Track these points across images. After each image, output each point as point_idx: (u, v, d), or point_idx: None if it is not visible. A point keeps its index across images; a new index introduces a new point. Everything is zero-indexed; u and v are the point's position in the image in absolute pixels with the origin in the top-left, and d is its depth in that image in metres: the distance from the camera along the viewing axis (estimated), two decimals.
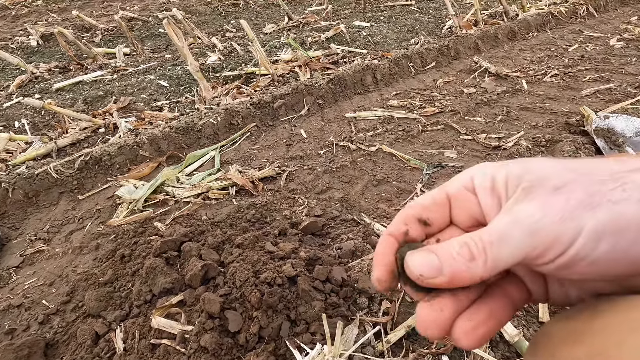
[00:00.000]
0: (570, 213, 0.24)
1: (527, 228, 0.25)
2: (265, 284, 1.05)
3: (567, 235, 0.24)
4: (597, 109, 2.15)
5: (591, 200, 0.24)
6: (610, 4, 4.01)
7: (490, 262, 0.26)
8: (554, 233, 0.25)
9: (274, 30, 3.73)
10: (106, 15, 4.69)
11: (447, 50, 2.97)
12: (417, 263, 0.27)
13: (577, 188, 0.25)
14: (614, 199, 0.24)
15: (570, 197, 0.25)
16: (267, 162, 1.92)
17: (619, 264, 0.25)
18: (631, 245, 0.24)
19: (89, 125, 2.28)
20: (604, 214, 0.24)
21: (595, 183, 0.25)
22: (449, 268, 0.26)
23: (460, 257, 0.26)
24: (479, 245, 0.26)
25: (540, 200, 0.25)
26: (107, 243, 1.50)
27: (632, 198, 0.24)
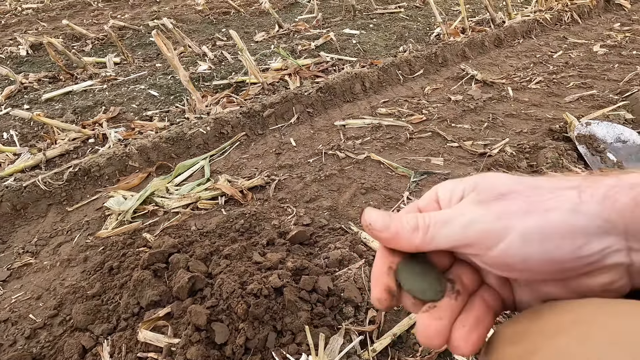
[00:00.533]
0: (506, 215, 0.28)
1: (466, 221, 0.30)
2: (251, 295, 1.06)
3: (498, 233, 0.28)
4: (580, 115, 2.20)
5: (528, 208, 0.28)
6: (594, 11, 4.11)
7: (428, 236, 0.31)
8: (486, 229, 0.29)
9: (264, 39, 3.76)
10: (97, 24, 4.69)
11: (435, 57, 3.02)
12: (372, 215, 0.32)
13: (519, 197, 0.29)
14: (548, 207, 0.28)
15: (511, 204, 0.29)
16: (256, 172, 1.94)
17: (548, 264, 0.28)
18: (556, 248, 0.27)
19: (78, 136, 2.28)
20: (534, 219, 0.28)
21: (537, 194, 0.29)
22: (394, 228, 0.31)
23: (407, 224, 0.31)
24: (426, 221, 0.31)
25: (484, 204, 0.30)
26: (96, 255, 1.50)
27: (562, 208, 0.27)
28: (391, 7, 4.55)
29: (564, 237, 0.27)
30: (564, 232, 0.27)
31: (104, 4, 5.52)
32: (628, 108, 2.21)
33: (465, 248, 0.30)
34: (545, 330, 0.26)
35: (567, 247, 0.27)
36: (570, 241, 0.27)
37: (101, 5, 5.49)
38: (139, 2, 5.52)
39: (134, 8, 5.35)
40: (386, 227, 0.32)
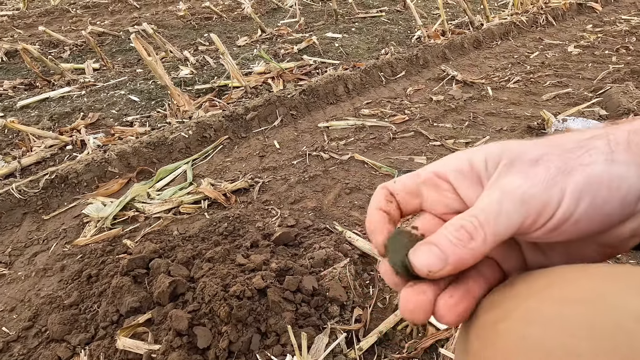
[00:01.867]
0: (552, 179, 0.27)
1: (518, 198, 0.27)
2: (234, 298, 1.04)
3: (554, 199, 0.26)
4: (556, 112, 2.26)
5: (566, 166, 0.27)
6: (568, 13, 4.25)
7: (489, 237, 0.27)
8: (542, 199, 0.26)
9: (247, 43, 3.76)
10: (75, 30, 4.60)
11: (416, 59, 3.07)
12: (423, 261, 0.28)
13: (553, 157, 0.27)
14: (585, 162, 0.27)
15: (549, 166, 0.27)
16: (240, 174, 1.92)
17: (595, 221, 0.27)
18: (605, 201, 0.26)
19: (56, 143, 2.22)
20: (579, 176, 0.26)
21: (566, 151, 0.28)
22: (452, 256, 0.27)
23: (459, 241, 0.27)
24: (475, 224, 0.27)
25: (523, 172, 0.27)
26: (73, 264, 1.45)
27: (599, 160, 0.27)
28: (373, 11, 4.61)
29: (610, 187, 0.26)
30: (608, 182, 0.26)
31: (82, 11, 5.42)
32: (602, 105, 2.28)
33: (528, 227, 0.27)
34: (519, 295, 0.26)
35: (616, 198, 0.26)
36: (617, 191, 0.26)
37: (80, 11, 5.39)
38: (119, 9, 5.45)
39: (113, 14, 5.27)
40: (444, 262, 0.27)
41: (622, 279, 0.23)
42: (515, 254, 0.31)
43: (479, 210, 0.27)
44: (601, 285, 0.23)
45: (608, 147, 0.27)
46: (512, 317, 0.24)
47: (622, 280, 0.23)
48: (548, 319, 0.22)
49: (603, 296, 0.22)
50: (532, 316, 0.23)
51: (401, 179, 0.32)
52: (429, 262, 0.27)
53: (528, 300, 0.25)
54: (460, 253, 0.27)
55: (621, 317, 0.20)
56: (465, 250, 0.27)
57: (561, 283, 0.25)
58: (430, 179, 0.31)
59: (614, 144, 0.27)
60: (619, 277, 0.24)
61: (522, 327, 0.23)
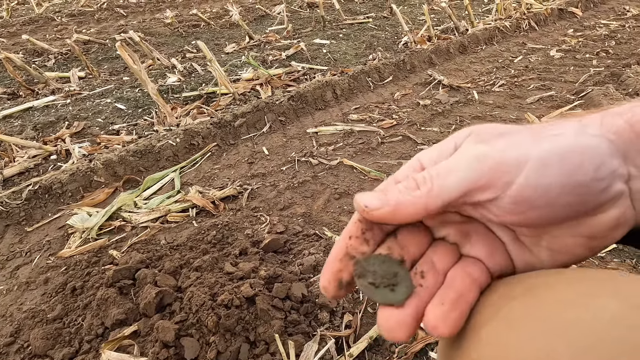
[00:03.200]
0: (514, 145, 0.26)
1: (473, 157, 0.26)
2: (222, 307, 1.02)
3: (514, 161, 0.25)
4: (540, 115, 2.30)
5: (535, 137, 0.26)
6: (549, 18, 4.35)
7: (435, 189, 0.25)
8: (500, 159, 0.25)
9: (235, 50, 3.76)
10: (61, 38, 4.55)
11: (403, 64, 3.10)
12: (364, 197, 0.27)
13: (522, 132, 0.27)
14: (554, 132, 0.26)
15: (516, 137, 0.26)
16: (228, 182, 1.90)
17: (570, 190, 0.25)
18: (578, 168, 0.25)
19: (39, 153, 2.18)
20: (547, 143, 0.25)
21: (535, 128, 0.27)
22: (393, 199, 0.26)
23: (405, 189, 0.26)
24: (426, 176, 0.26)
25: (486, 141, 0.27)
26: (57, 276, 1.42)
27: (567, 132, 0.26)
28: (360, 17, 4.66)
29: (582, 155, 0.25)
30: (580, 151, 0.25)
31: (68, 19, 5.37)
32: (584, 107, 2.34)
33: (480, 190, 0.26)
34: (500, 300, 0.26)
35: (587, 167, 0.25)
36: (589, 160, 0.25)
37: (65, 20, 5.34)
38: (106, 17, 5.41)
39: (100, 22, 5.23)
40: (384, 202, 0.26)
41: (599, 282, 0.24)
42: (500, 253, 0.30)
43: (433, 168, 0.27)
44: (579, 289, 0.23)
45: (579, 123, 0.27)
46: (494, 322, 0.24)
47: (599, 283, 0.24)
48: (527, 324, 0.23)
49: (580, 300, 0.22)
50: (512, 321, 0.23)
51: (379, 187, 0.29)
52: (369, 198, 0.27)
53: (508, 305, 0.25)
54: (401, 198, 0.26)
55: (598, 320, 0.21)
56: (408, 197, 0.26)
57: (540, 288, 0.25)
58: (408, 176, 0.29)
59: (585, 122, 0.27)
60: (596, 281, 0.24)
61: (504, 332, 0.23)
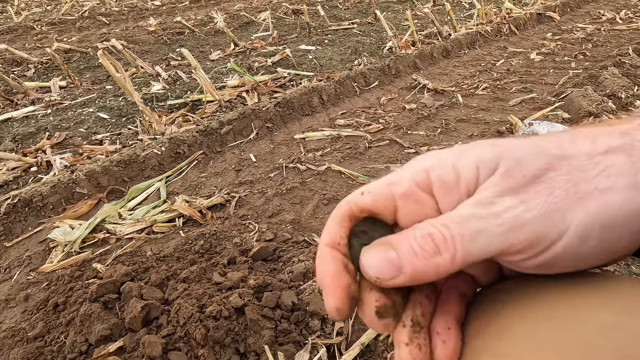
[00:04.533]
0: (555, 204, 0.21)
1: (508, 221, 0.22)
2: (210, 318, 1.00)
3: (553, 231, 0.21)
4: (523, 116, 2.35)
5: (577, 190, 0.22)
6: (529, 23, 4.47)
7: (459, 257, 0.22)
8: (539, 228, 0.21)
9: (220, 57, 3.74)
10: (41, 47, 4.45)
11: (388, 69, 3.13)
12: (374, 263, 0.23)
13: (560, 176, 0.22)
14: (600, 187, 0.21)
15: (554, 187, 0.22)
16: (216, 190, 1.88)
17: (602, 258, 0.23)
18: (619, 239, 0.22)
19: (19, 165, 2.11)
20: (592, 205, 0.21)
21: (576, 169, 0.22)
22: (409, 266, 0.22)
23: (422, 252, 0.22)
24: (447, 236, 0.22)
25: (520, 190, 0.22)
26: (39, 292, 1.37)
27: (617, 185, 0.21)
28: (344, 23, 4.70)
29: (626, 223, 0.21)
30: (626, 217, 0.21)
31: (48, 28, 5.27)
32: (564, 108, 2.40)
33: (511, 256, 0.23)
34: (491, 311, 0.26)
35: (628, 234, 0.22)
36: (632, 225, 0.22)
37: (45, 28, 5.23)
38: (87, 25, 5.32)
39: (81, 31, 5.14)
40: (398, 270, 0.23)
41: (589, 290, 0.23)
42: (495, 269, 0.28)
43: (454, 219, 0.22)
44: (569, 298, 0.23)
45: (632, 165, 0.22)
46: (485, 334, 0.24)
47: (589, 292, 0.23)
48: (518, 336, 0.22)
49: (571, 310, 0.22)
50: (503, 333, 0.23)
51: (372, 189, 0.26)
52: (380, 266, 0.23)
53: (499, 316, 0.24)
54: (419, 266, 0.22)
55: (588, 331, 0.20)
56: (427, 263, 0.22)
57: (530, 297, 0.24)
58: (411, 191, 0.24)
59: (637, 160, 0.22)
60: (586, 289, 0.23)
61: (495, 344, 0.23)
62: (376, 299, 0.24)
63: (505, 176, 0.22)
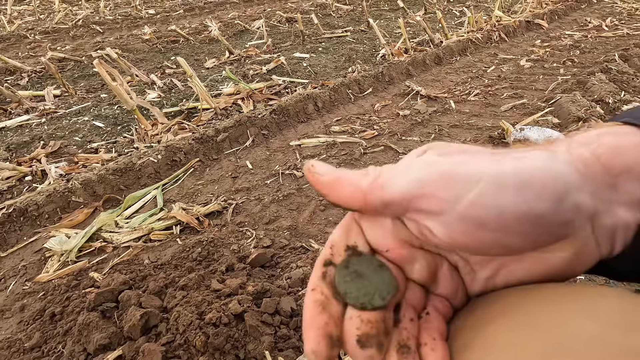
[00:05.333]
0: (471, 161, 0.24)
1: (423, 162, 0.25)
2: (210, 325, 1.01)
3: (465, 176, 0.23)
4: (514, 122, 2.40)
5: (496, 156, 0.24)
6: (518, 30, 4.56)
7: (379, 182, 0.25)
8: (449, 172, 0.24)
9: (215, 65, 3.76)
10: (34, 56, 4.44)
11: (382, 76, 3.18)
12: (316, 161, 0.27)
13: (484, 152, 0.25)
14: (517, 156, 0.24)
15: (476, 155, 0.25)
16: (212, 197, 1.89)
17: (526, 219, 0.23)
18: (537, 198, 0.23)
19: (13, 174, 2.10)
20: (509, 164, 0.23)
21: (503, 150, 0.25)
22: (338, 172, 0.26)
23: (354, 171, 0.26)
24: (377, 170, 0.26)
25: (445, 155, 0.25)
26: (35, 302, 1.36)
27: (536, 156, 0.24)
28: (338, 31, 4.76)
29: (545, 184, 0.23)
30: (544, 178, 0.23)
31: (41, 37, 5.26)
32: (554, 113, 2.45)
33: (425, 198, 0.24)
34: (477, 323, 0.26)
35: (548, 197, 0.23)
36: (552, 189, 0.23)
37: (39, 37, 5.22)
38: (81, 34, 5.32)
39: (75, 39, 5.14)
40: (330, 171, 0.26)
41: (573, 301, 0.24)
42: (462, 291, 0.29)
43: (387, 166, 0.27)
44: (553, 309, 0.23)
45: (547, 149, 0.25)
46: (472, 347, 0.24)
47: (573, 302, 0.23)
48: (503, 348, 0.23)
49: (554, 321, 0.22)
50: (489, 346, 0.23)
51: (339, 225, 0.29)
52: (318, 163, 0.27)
53: (485, 329, 0.25)
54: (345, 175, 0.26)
55: (574, 342, 0.21)
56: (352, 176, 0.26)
57: (512, 309, 0.25)
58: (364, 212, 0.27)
59: (553, 149, 0.25)
60: (570, 299, 0.24)
61: (481, 357, 0.23)
62: (357, 326, 0.24)
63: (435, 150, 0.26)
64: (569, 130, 2.24)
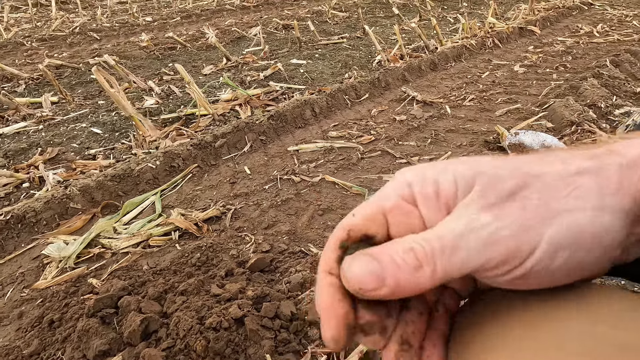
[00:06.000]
0: (527, 221, 0.23)
1: (484, 237, 0.23)
2: (210, 330, 1.01)
3: (526, 247, 0.23)
4: (509, 126, 2.43)
5: (547, 208, 0.23)
6: (511, 36, 4.64)
7: (440, 271, 0.23)
8: (513, 244, 0.23)
9: (212, 72, 3.78)
10: (31, 63, 4.45)
11: (378, 82, 3.21)
12: (356, 273, 0.24)
13: (532, 195, 0.24)
14: (569, 207, 0.23)
15: (527, 205, 0.23)
16: (211, 202, 1.89)
17: (571, 275, 0.24)
18: (588, 254, 0.23)
19: (11, 181, 2.10)
20: (561, 224, 0.23)
21: (548, 188, 0.24)
22: (392, 278, 0.23)
23: (405, 264, 0.23)
24: (428, 250, 0.23)
25: (496, 207, 0.24)
26: (33, 309, 1.36)
27: (587, 206, 0.23)
28: (334, 38, 4.81)
29: (593, 240, 0.23)
30: (593, 234, 0.23)
31: (38, 44, 5.26)
32: (548, 118, 2.49)
33: (487, 271, 0.24)
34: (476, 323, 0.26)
35: (597, 251, 0.23)
36: (600, 243, 0.23)
37: (36, 44, 5.23)
38: (78, 41, 5.34)
39: (72, 47, 5.15)
40: (381, 281, 0.23)
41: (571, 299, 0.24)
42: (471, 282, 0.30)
43: (436, 235, 0.24)
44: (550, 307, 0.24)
45: (598, 189, 0.23)
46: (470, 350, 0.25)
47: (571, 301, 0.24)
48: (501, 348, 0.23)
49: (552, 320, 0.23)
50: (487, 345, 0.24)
51: (361, 209, 0.27)
52: (362, 276, 0.24)
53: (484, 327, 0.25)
54: (401, 279, 0.23)
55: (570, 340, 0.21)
56: (409, 277, 0.23)
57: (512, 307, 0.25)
58: (399, 205, 0.26)
59: (604, 183, 0.23)
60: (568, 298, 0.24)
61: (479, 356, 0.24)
62: (361, 315, 0.25)
63: (482, 193, 0.24)
64: (563, 134, 2.28)
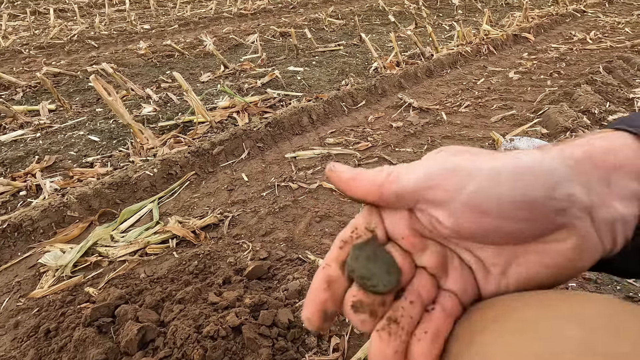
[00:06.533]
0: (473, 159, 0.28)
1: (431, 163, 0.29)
2: (208, 338, 1.01)
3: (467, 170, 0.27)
4: (504, 132, 2.45)
5: (494, 155, 0.28)
6: (506, 43, 4.69)
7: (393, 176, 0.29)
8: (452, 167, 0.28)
9: (210, 79, 3.80)
10: (29, 71, 4.45)
11: (374, 89, 3.24)
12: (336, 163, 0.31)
13: (486, 151, 0.29)
14: (513, 155, 0.28)
15: (479, 155, 0.29)
16: (208, 210, 1.89)
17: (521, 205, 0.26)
18: (529, 186, 0.26)
19: (8, 189, 2.09)
20: (504, 160, 0.27)
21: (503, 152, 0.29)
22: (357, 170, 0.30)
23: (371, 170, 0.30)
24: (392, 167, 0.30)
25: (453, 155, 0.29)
26: (29, 319, 1.35)
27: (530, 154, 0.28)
28: (331, 45, 4.85)
29: (537, 175, 0.26)
30: (536, 171, 0.26)
31: (36, 52, 5.28)
32: (542, 124, 2.52)
33: (432, 189, 0.28)
34: (473, 329, 0.27)
35: (540, 186, 0.26)
36: (543, 180, 0.26)
37: (33, 52, 5.24)
38: (76, 49, 5.36)
39: (70, 54, 5.17)
40: (349, 169, 0.30)
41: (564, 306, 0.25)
42: (472, 287, 0.31)
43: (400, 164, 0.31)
44: (544, 315, 0.25)
45: (539, 151, 0.28)
46: (467, 353, 0.26)
47: (564, 309, 0.25)
48: (495, 354, 0.24)
49: (542, 326, 0.24)
50: (483, 352, 0.25)
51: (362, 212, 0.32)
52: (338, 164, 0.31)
53: (482, 334, 0.26)
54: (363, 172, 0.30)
55: (562, 348, 0.22)
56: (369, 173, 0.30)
57: (505, 315, 0.26)
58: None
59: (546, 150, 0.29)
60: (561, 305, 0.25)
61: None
62: (354, 294, 0.28)
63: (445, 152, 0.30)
64: (558, 140, 2.30)
